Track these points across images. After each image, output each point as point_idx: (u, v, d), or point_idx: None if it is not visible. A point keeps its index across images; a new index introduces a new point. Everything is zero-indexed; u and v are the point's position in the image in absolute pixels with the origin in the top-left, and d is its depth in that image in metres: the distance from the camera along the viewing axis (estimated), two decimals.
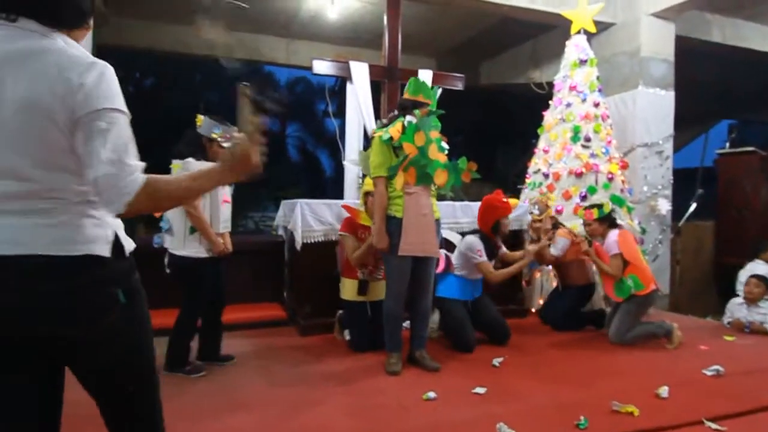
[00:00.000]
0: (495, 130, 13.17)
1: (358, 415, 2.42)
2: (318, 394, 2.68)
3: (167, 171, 2.91)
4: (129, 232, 1.23)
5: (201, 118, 2.93)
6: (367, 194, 3.50)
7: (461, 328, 3.51)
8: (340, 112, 7.63)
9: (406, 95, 3.14)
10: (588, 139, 4.97)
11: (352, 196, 4.96)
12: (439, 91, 5.16)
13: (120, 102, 1.09)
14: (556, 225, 4.35)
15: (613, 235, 3.81)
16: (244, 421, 2.34)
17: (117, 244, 1.14)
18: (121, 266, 1.14)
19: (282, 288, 4.59)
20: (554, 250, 4.19)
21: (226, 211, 3.00)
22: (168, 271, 2.95)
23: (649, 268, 3.96)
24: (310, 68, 5.09)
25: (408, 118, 3.05)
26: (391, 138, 2.96)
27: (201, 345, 3.11)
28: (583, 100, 5.09)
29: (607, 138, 5.06)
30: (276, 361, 3.25)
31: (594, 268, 4.21)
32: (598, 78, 5.20)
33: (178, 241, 2.88)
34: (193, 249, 2.88)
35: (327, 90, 7.42)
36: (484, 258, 3.51)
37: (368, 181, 3.42)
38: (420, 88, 3.13)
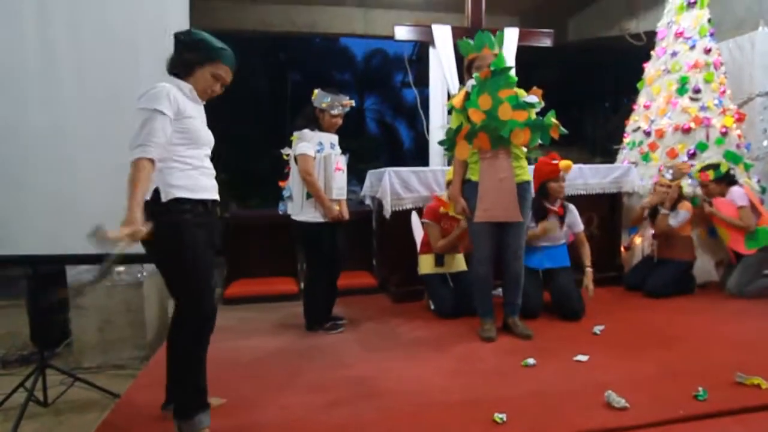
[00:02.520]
0: (581, 89, 12.37)
1: (456, 378, 2.41)
2: (414, 357, 2.72)
3: (287, 143, 3.22)
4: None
5: (315, 92, 3.10)
6: (449, 183, 3.41)
7: (524, 295, 3.35)
8: (419, 82, 7.55)
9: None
10: (697, 91, 4.50)
11: (437, 164, 4.90)
12: (512, 45, 4.89)
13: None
14: (681, 195, 4.02)
15: (737, 189, 3.60)
16: (343, 378, 2.43)
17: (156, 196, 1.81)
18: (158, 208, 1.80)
19: (371, 256, 4.68)
20: (674, 222, 3.93)
21: (339, 178, 3.11)
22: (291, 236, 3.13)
23: None
24: (388, 37, 5.03)
25: (469, 82, 2.93)
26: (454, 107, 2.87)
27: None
28: (692, 47, 4.60)
29: (720, 88, 4.55)
30: (370, 327, 3.34)
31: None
32: (709, 21, 4.66)
33: (297, 207, 3.08)
34: (310, 214, 3.06)
35: (406, 59, 7.34)
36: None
37: (449, 171, 3.36)
38: (465, 47, 2.97)
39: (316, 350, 2.89)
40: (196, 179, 1.87)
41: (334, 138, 3.15)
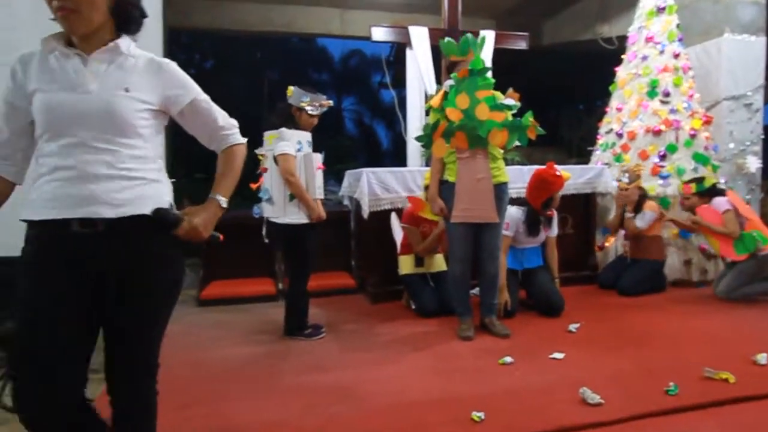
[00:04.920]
0: (557, 92, 12.57)
1: (435, 377, 2.43)
2: (393, 357, 2.72)
3: (261, 143, 3.06)
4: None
5: (291, 89, 3.02)
6: (427, 186, 3.42)
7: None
8: (396, 83, 7.56)
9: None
10: (667, 94, 4.62)
11: (415, 164, 4.92)
12: (489, 48, 4.93)
13: None
14: (644, 196, 4.12)
15: (719, 198, 3.71)
16: (321, 381, 2.41)
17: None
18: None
19: (350, 257, 4.67)
20: (640, 223, 4.02)
21: (319, 177, 3.04)
22: (266, 240, 3.07)
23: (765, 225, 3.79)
24: (365, 38, 5.03)
25: (447, 82, 2.95)
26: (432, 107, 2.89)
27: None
28: (661, 52, 4.72)
29: (688, 91, 4.68)
30: (348, 327, 3.33)
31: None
32: (678, 26, 4.79)
33: (279, 209, 2.95)
34: (294, 216, 2.94)
35: (384, 61, 7.34)
36: (508, 232, 3.37)
37: (427, 174, 3.37)
38: (450, 48, 2.99)
39: (293, 352, 2.86)
40: (42, 189, 1.22)
41: (310, 137, 3.05)
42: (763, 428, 1.91)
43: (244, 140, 1.50)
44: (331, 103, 3.13)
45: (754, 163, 5.07)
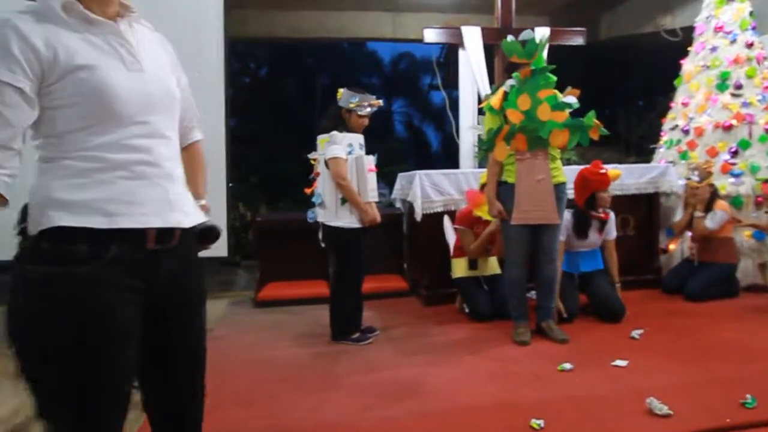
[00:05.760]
0: (614, 88, 12.10)
1: (490, 382, 2.39)
2: (447, 361, 2.70)
3: (314, 147, 3.08)
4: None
5: (341, 91, 3.01)
6: (483, 186, 3.36)
7: (562, 299, 3.28)
8: (447, 85, 7.51)
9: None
10: (739, 86, 4.35)
11: (467, 166, 4.87)
12: (545, 47, 4.80)
13: None
14: (715, 195, 3.89)
15: None
16: (375, 383, 2.42)
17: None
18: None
19: (402, 259, 4.68)
20: (710, 223, 3.78)
21: (372, 180, 2.99)
22: (323, 244, 3.08)
23: None
24: (417, 41, 5.04)
25: (508, 82, 2.89)
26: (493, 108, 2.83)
27: None
28: (732, 42, 4.44)
29: (763, 83, 4.38)
30: (402, 330, 3.33)
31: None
32: (751, 14, 4.50)
33: (331, 213, 2.94)
34: (346, 219, 2.93)
35: (434, 62, 7.33)
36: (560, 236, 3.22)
37: (483, 175, 3.32)
38: (512, 48, 2.89)
39: (349, 353, 2.89)
40: (99, 189, 0.95)
41: (362, 139, 3.02)
42: None
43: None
44: (380, 102, 3.08)
45: None
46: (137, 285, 0.98)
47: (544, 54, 4.90)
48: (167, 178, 1.02)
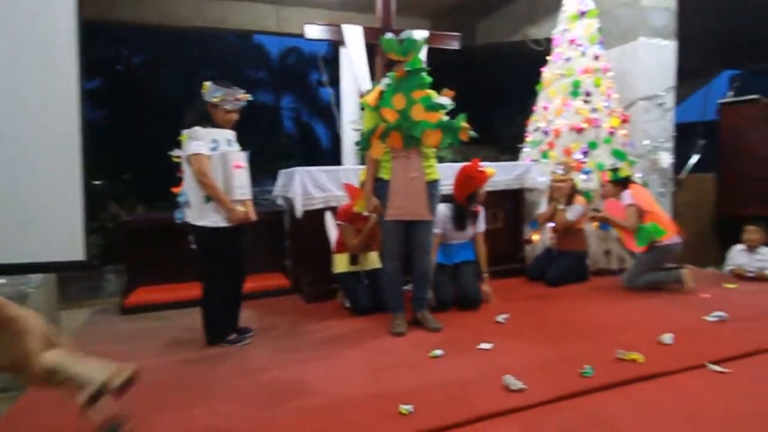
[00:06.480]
0: (490, 91, 12.98)
1: (367, 373, 2.44)
2: (326, 356, 2.72)
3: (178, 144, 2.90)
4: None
5: (206, 85, 2.85)
6: (363, 183, 3.41)
7: (435, 289, 3.48)
8: (333, 81, 7.52)
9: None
10: (588, 94, 4.88)
11: (350, 163, 4.92)
12: (424, 49, 5.02)
13: None
14: (574, 190, 4.33)
15: (627, 191, 3.94)
16: (253, 384, 2.37)
17: None
18: None
19: (284, 257, 4.60)
20: (570, 216, 4.22)
21: (240, 177, 2.85)
22: (192, 246, 2.91)
23: (669, 218, 4.05)
24: (301, 35, 4.96)
25: (384, 81, 2.97)
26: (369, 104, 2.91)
27: None
28: (583, 54, 4.98)
29: (607, 92, 4.96)
30: (283, 328, 3.28)
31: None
32: (598, 30, 5.07)
33: (196, 212, 2.82)
34: (212, 218, 2.79)
35: (321, 58, 7.29)
36: (437, 230, 3.46)
37: (362, 172, 3.37)
38: (389, 45, 2.95)
39: (224, 357, 2.79)
40: None
41: (231, 134, 2.89)
42: (668, 402, 2.06)
43: None
44: (249, 96, 2.94)
45: (666, 159, 5.46)
46: None
47: (423, 56, 5.14)
48: None
